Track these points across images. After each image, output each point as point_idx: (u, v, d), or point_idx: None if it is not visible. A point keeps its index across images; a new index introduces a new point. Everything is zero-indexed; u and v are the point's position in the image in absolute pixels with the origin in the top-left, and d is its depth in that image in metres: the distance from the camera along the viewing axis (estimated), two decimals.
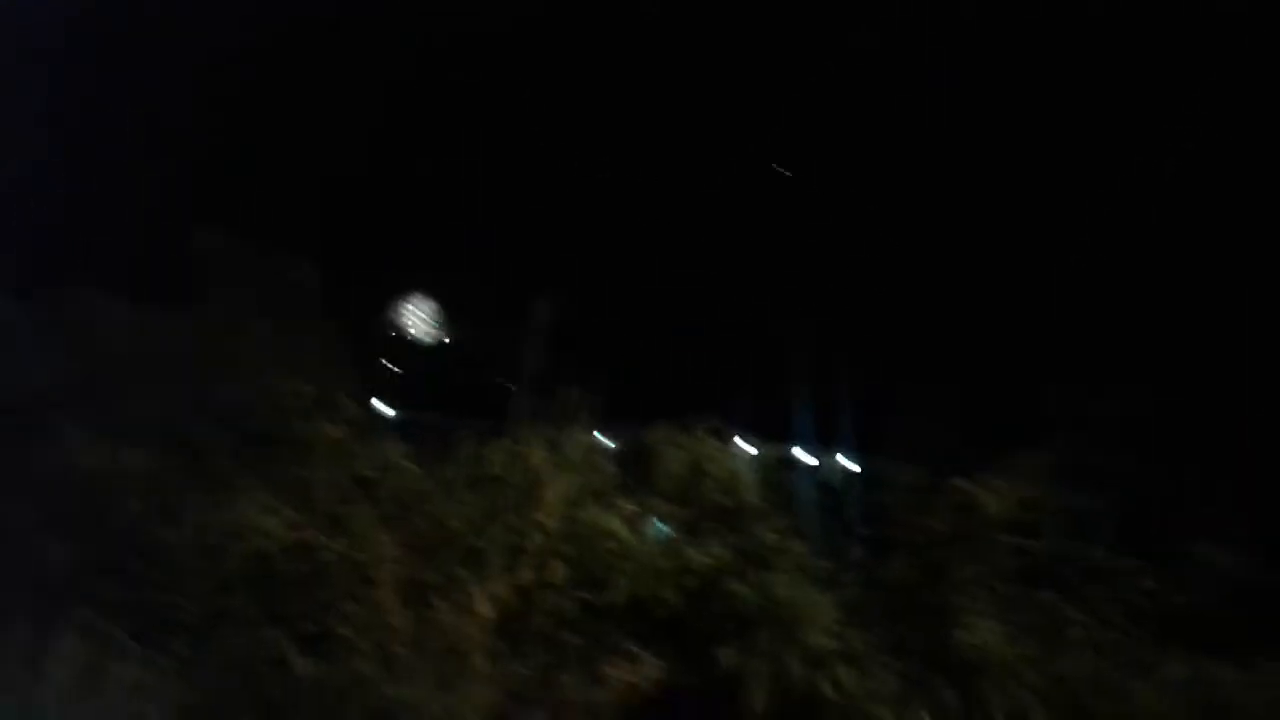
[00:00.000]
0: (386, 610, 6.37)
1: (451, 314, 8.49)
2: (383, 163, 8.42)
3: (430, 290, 8.46)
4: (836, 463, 7.38)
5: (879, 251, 8.51)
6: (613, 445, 7.17)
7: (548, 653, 6.44)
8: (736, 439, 7.11)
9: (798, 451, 7.31)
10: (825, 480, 7.31)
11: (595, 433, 6.98)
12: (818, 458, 7.37)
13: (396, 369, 8.28)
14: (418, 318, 8.41)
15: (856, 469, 7.40)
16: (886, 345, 7.83)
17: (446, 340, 8.44)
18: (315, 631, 6.35)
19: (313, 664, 6.26)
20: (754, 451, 7.12)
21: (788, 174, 8.20)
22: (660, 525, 6.79)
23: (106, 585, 6.18)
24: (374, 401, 7.52)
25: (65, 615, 5.99)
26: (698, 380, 7.69)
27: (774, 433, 7.25)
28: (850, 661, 6.28)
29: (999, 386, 7.74)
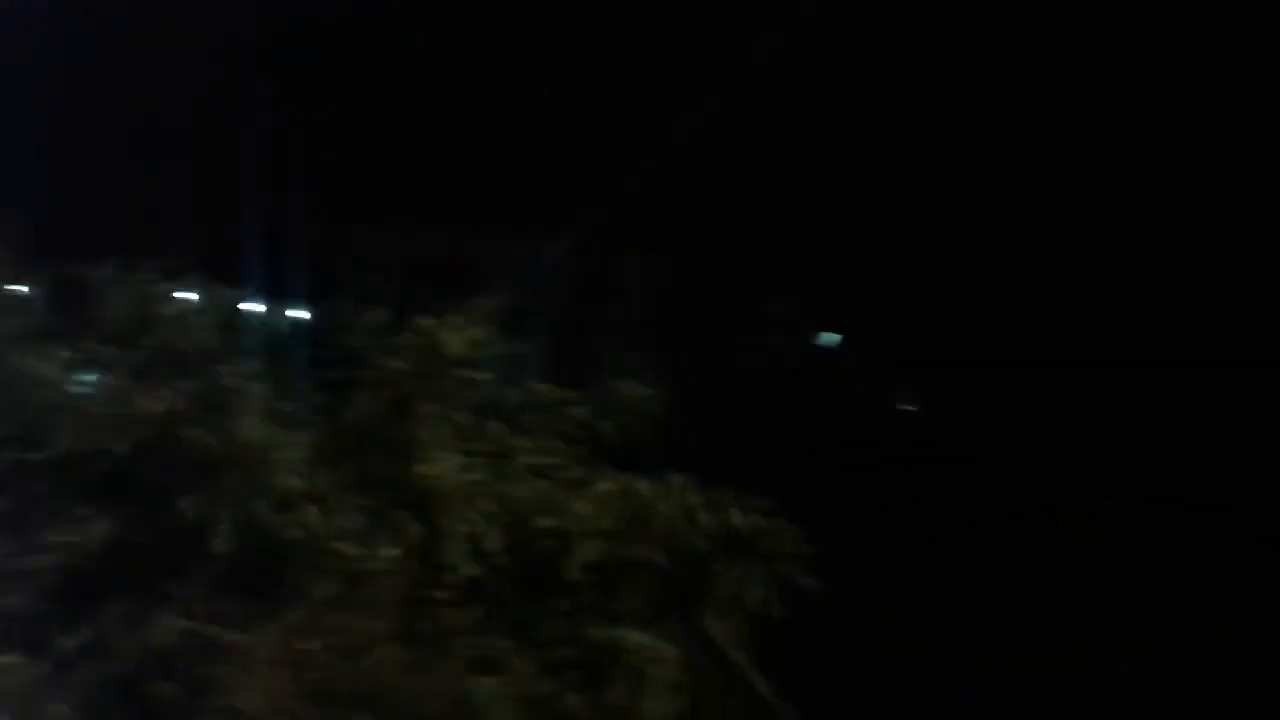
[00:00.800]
0: None
1: None
2: None
3: None
4: (297, 309, 7.22)
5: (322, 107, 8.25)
6: (39, 287, 6.39)
7: None
8: (190, 282, 6.68)
9: (256, 298, 7.04)
10: (287, 325, 7.13)
11: (17, 273, 6.19)
12: (278, 305, 7.16)
13: None
14: None
15: (316, 315, 7.31)
16: (338, 193, 7.72)
17: None
18: None
19: None
20: (211, 295, 6.74)
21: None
22: (102, 371, 6.23)
23: None
24: None
25: None
26: (142, 219, 7.03)
27: (230, 278, 6.89)
28: (317, 501, 6.32)
29: (441, 236, 8.02)
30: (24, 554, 5.74)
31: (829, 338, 10.81)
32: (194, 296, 6.74)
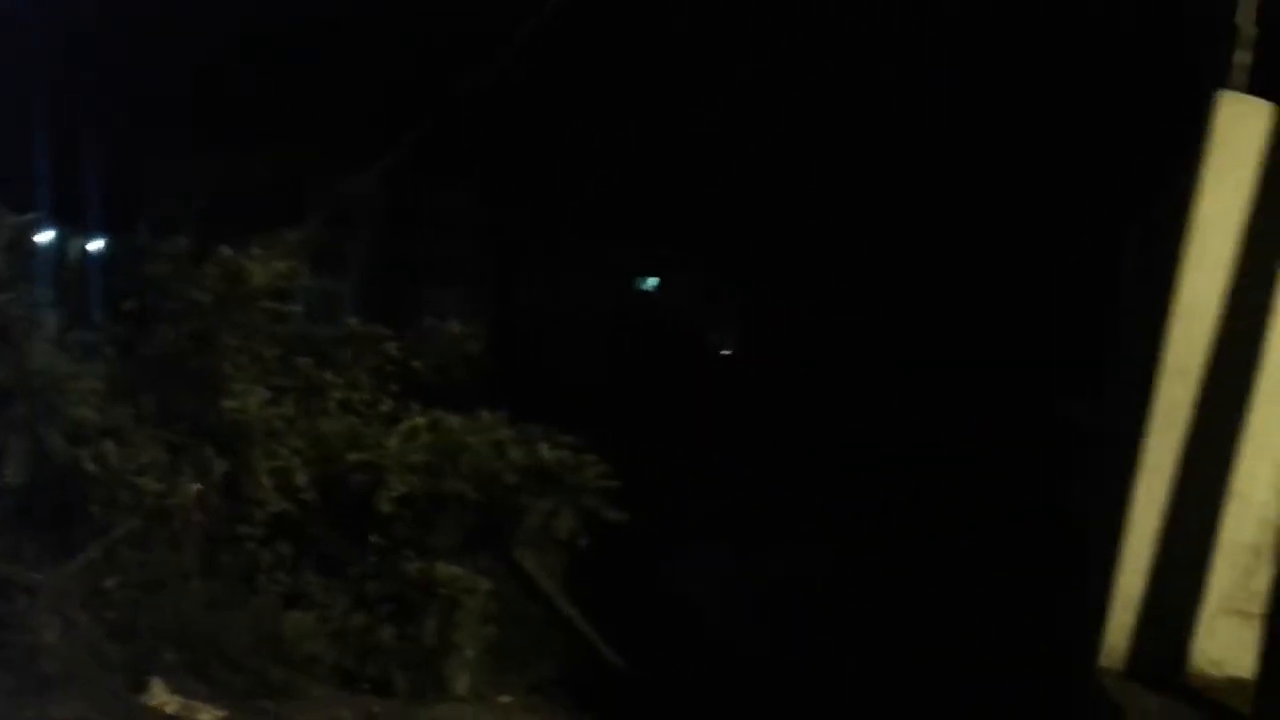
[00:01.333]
0: None
1: None
2: None
3: None
4: (90, 238, 6.85)
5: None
6: None
7: None
8: None
9: (48, 224, 6.64)
10: (79, 254, 6.78)
11: None
12: (72, 232, 6.78)
13: None
14: None
15: (113, 243, 6.95)
16: (139, 118, 7.34)
17: None
18: None
19: None
20: None
21: None
22: None
23: None
24: None
25: None
26: None
27: (18, 203, 6.50)
28: (114, 435, 6.10)
29: (249, 165, 7.76)
30: None
31: (646, 280, 11.03)
32: None
